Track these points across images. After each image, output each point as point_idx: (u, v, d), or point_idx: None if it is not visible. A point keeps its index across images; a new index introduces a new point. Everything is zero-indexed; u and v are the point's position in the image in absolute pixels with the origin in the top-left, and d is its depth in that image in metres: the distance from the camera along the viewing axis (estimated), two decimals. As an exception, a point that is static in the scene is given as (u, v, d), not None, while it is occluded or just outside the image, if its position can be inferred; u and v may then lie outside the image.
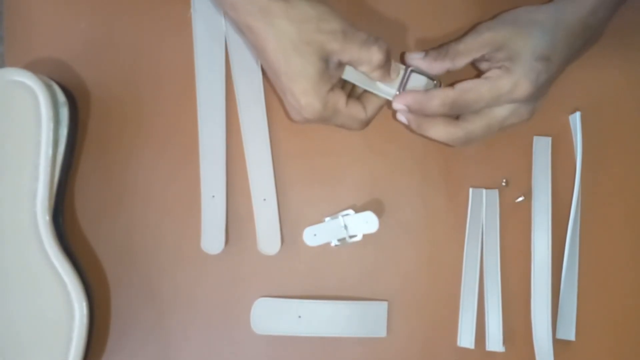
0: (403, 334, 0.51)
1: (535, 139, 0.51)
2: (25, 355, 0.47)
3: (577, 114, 0.50)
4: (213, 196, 0.50)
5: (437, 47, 0.48)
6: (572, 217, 0.50)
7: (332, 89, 0.44)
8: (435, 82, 0.47)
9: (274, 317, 0.50)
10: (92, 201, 0.51)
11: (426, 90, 0.46)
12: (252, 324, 0.50)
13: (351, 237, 0.50)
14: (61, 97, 0.49)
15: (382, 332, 0.50)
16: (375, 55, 0.43)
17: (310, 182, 0.51)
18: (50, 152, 0.48)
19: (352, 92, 0.48)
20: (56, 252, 0.47)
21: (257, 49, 0.44)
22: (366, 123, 0.47)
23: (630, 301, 0.51)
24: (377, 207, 0.51)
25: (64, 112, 0.49)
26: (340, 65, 0.45)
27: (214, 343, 0.51)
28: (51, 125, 0.48)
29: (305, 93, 0.43)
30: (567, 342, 0.50)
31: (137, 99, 0.52)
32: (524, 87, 0.44)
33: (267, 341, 0.50)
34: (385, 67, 0.45)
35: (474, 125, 0.46)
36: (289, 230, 0.51)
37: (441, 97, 0.45)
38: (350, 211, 0.50)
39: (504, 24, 0.46)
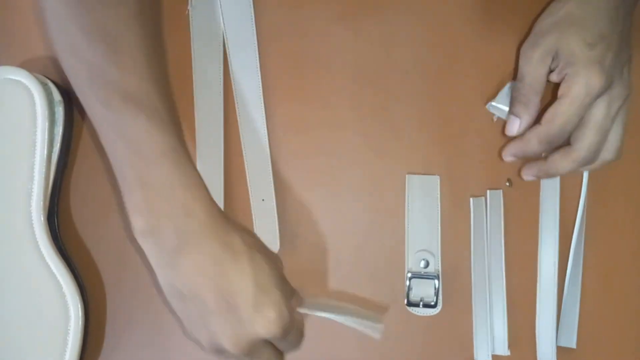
0: (405, 337, 0.50)
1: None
2: (21, 357, 0.47)
3: None
4: (210, 196, 0.50)
5: (515, 104, 0.47)
6: (577, 222, 0.49)
7: None
8: None
9: None
10: (88, 201, 0.51)
11: (521, 135, 0.47)
12: None
13: None
14: (57, 96, 0.49)
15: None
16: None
17: (310, 182, 0.51)
18: (45, 151, 0.47)
19: None
20: (51, 253, 0.47)
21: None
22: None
23: (636, 308, 0.50)
24: (377, 207, 0.50)
25: (60, 111, 0.49)
26: None
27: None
28: (46, 125, 0.47)
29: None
30: (570, 350, 0.49)
31: (134, 97, 0.51)
32: (596, 80, 0.43)
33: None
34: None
35: (589, 138, 0.45)
36: (287, 230, 0.50)
37: (536, 137, 0.46)
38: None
39: (543, 35, 0.46)
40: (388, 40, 0.51)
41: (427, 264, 0.50)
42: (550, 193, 0.50)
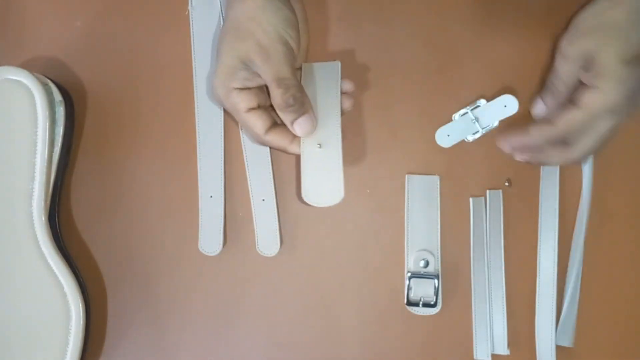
0: (404, 336, 0.50)
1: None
2: (22, 356, 0.47)
3: None
4: (211, 196, 0.50)
5: (545, 90, 0.49)
6: (577, 222, 0.49)
7: (242, 89, 0.45)
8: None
9: None
10: (89, 201, 0.51)
11: (526, 129, 0.47)
12: None
13: (484, 127, 0.50)
14: (57, 96, 0.49)
15: None
16: (279, 97, 0.44)
17: (310, 182, 0.50)
18: (46, 151, 0.47)
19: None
20: (52, 253, 0.47)
21: None
22: (259, 141, 0.47)
23: (635, 308, 0.50)
24: (377, 207, 0.50)
25: (60, 111, 0.49)
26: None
27: (211, 345, 0.50)
28: (47, 125, 0.47)
29: (217, 75, 0.45)
30: (569, 349, 0.49)
31: (134, 97, 0.51)
32: (616, 100, 0.43)
33: (265, 344, 0.50)
34: (288, 112, 0.45)
35: (587, 145, 0.46)
36: (288, 230, 0.50)
37: (540, 134, 0.46)
38: (482, 101, 0.50)
39: (583, 35, 0.45)
40: (388, 40, 0.51)
41: (427, 264, 0.50)
42: (549, 193, 0.50)
